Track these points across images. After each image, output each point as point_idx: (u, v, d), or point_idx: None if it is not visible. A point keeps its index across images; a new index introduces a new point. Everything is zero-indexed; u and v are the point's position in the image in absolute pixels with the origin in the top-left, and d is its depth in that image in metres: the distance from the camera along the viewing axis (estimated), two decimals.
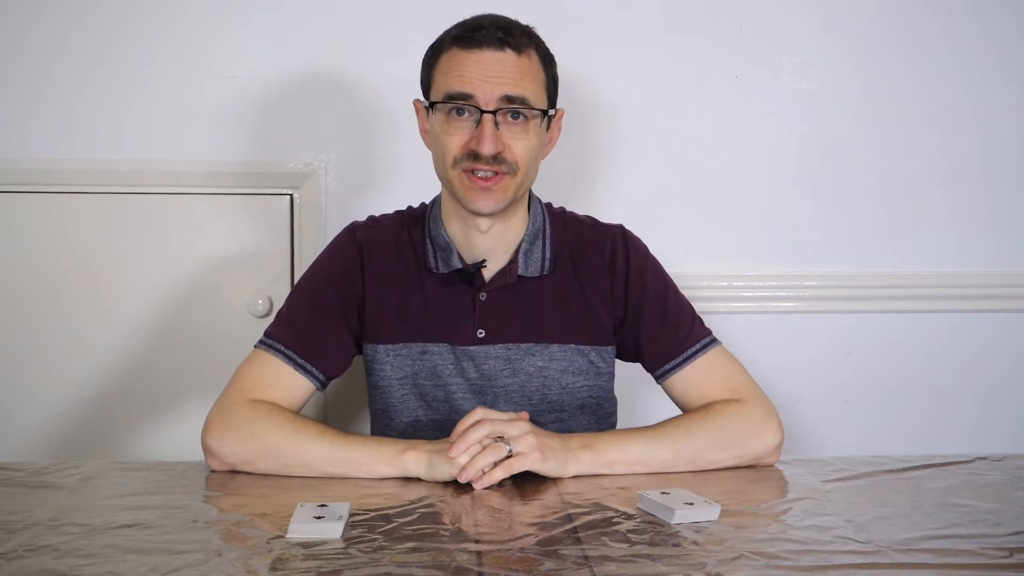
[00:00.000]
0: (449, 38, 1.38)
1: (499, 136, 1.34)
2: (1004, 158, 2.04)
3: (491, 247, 1.45)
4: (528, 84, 1.36)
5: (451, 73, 1.35)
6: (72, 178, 1.89)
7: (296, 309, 1.46)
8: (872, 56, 2.00)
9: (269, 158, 1.91)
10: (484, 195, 1.36)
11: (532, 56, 1.38)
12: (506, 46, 1.34)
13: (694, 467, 1.34)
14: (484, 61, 1.34)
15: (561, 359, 1.46)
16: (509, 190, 1.37)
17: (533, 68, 1.37)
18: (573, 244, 1.50)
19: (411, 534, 1.08)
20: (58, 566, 0.99)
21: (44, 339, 1.91)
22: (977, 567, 1.02)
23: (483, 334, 1.45)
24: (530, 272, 1.46)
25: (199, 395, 1.92)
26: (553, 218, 1.51)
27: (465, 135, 1.35)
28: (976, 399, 2.07)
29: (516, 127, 1.36)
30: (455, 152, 1.36)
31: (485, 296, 1.45)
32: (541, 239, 1.48)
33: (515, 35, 1.36)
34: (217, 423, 1.34)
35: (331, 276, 1.47)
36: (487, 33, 1.34)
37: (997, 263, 2.06)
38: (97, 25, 1.86)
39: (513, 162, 1.36)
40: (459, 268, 1.44)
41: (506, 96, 1.34)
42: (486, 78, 1.33)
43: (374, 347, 1.46)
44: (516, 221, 1.46)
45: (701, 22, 1.96)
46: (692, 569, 1.00)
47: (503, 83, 1.33)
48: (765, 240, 2.02)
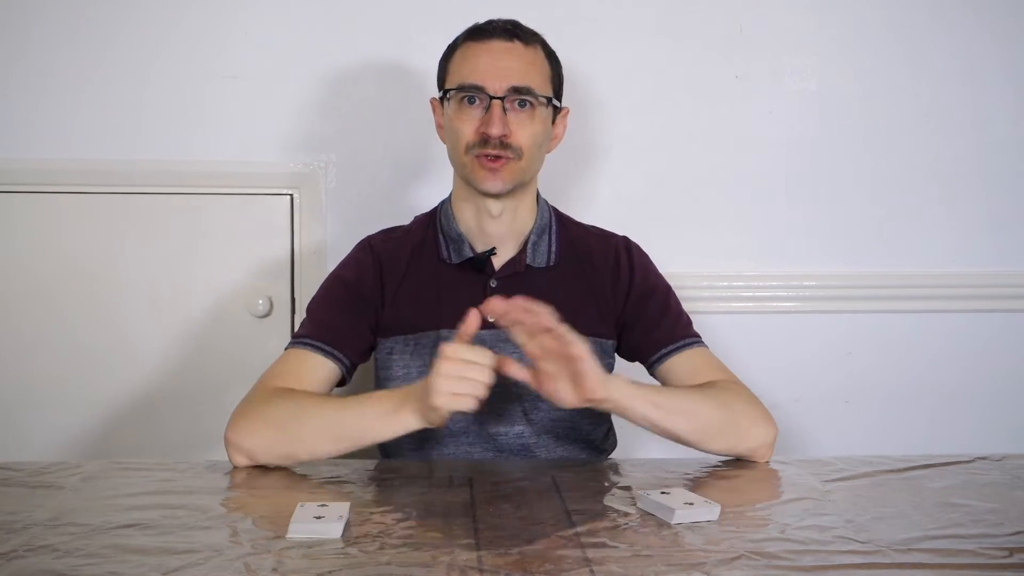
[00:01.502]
0: (463, 34, 1.49)
1: (506, 121, 1.42)
2: (1004, 158, 2.04)
3: (502, 234, 1.51)
4: (534, 75, 1.45)
5: (464, 65, 1.45)
6: (72, 178, 1.89)
7: (315, 310, 1.52)
8: (872, 56, 2.00)
9: (269, 158, 1.91)
10: (492, 175, 1.44)
11: (538, 50, 1.48)
12: (515, 38, 1.45)
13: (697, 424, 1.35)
14: (494, 50, 1.44)
15: None
16: (515, 173, 1.45)
17: (539, 60, 1.48)
18: (578, 244, 1.56)
19: (411, 534, 1.08)
20: (58, 566, 0.99)
21: (44, 339, 1.90)
22: (977, 567, 1.02)
23: (493, 320, 1.46)
24: (537, 263, 1.52)
25: (199, 395, 1.92)
26: (559, 217, 1.58)
27: (476, 121, 1.44)
28: (976, 399, 2.07)
29: (523, 114, 1.44)
30: (468, 138, 1.44)
31: (496, 283, 1.50)
32: (548, 234, 1.54)
33: (523, 29, 1.48)
34: (237, 415, 1.36)
35: (347, 277, 1.52)
36: (497, 26, 1.46)
37: (997, 263, 2.06)
38: (97, 26, 1.86)
39: (518, 147, 1.44)
40: (471, 257, 1.50)
41: (513, 87, 1.43)
42: (496, 68, 1.43)
43: (392, 340, 1.50)
44: (524, 210, 1.53)
45: (701, 22, 1.96)
46: (692, 569, 1.00)
47: (511, 74, 1.43)
48: (765, 240, 2.02)
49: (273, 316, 1.93)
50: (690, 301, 1.58)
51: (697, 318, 1.57)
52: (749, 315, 2.02)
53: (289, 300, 1.93)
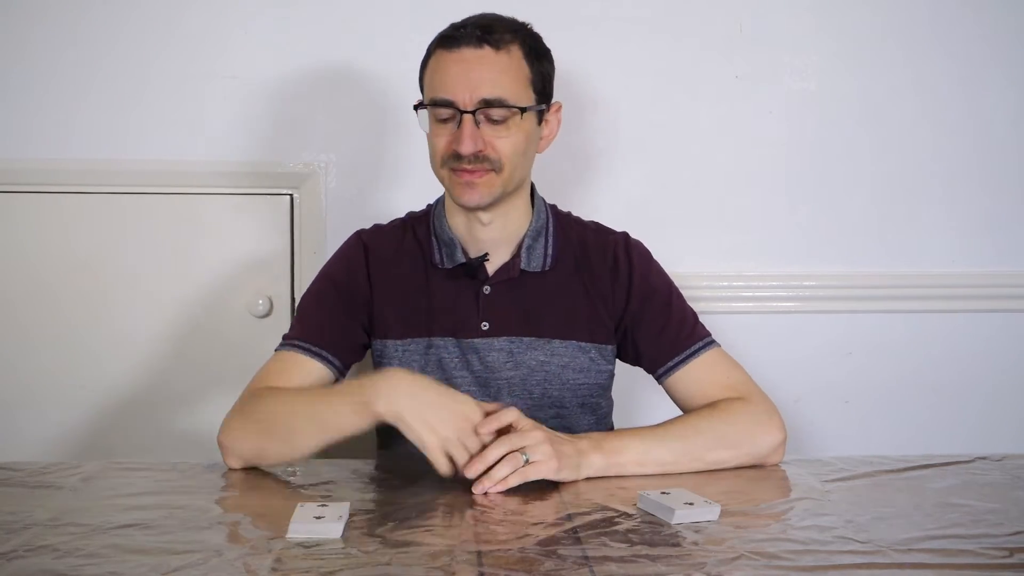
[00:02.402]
0: (436, 39, 1.41)
1: (480, 135, 1.36)
2: (1003, 158, 2.04)
3: (494, 240, 1.47)
4: (507, 83, 1.37)
5: (435, 77, 1.39)
6: (73, 178, 1.89)
7: (305, 310, 1.50)
8: (872, 56, 2.00)
9: (269, 158, 1.91)
10: (469, 189, 1.38)
11: (513, 52, 1.38)
12: (484, 43, 1.36)
13: (701, 466, 1.34)
14: (463, 60, 1.36)
15: (563, 355, 1.47)
16: (496, 186, 1.39)
17: (513, 65, 1.38)
18: (576, 244, 1.52)
19: (411, 534, 1.08)
20: (58, 566, 0.99)
21: (45, 339, 1.91)
22: (977, 567, 1.02)
23: (487, 327, 1.46)
24: (532, 267, 1.48)
25: (199, 394, 1.92)
26: (557, 218, 1.54)
27: (450, 136, 1.38)
28: (976, 399, 2.07)
29: (498, 126, 1.37)
30: (441, 153, 1.39)
31: (489, 290, 1.47)
32: (544, 236, 1.50)
33: (495, 32, 1.37)
34: (227, 418, 1.37)
35: (337, 277, 1.50)
36: (467, 32, 1.36)
37: (996, 263, 2.06)
38: (97, 26, 1.87)
39: (497, 159, 1.38)
40: (463, 262, 1.47)
41: (483, 100, 1.35)
42: (465, 80, 1.35)
43: (383, 343, 1.49)
44: (517, 215, 1.48)
45: (701, 22, 1.96)
46: (692, 569, 1.00)
47: (481, 85, 1.35)
48: (765, 240, 2.02)
49: (273, 316, 1.93)
50: (689, 301, 1.58)
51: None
52: (749, 315, 2.02)
53: (289, 300, 1.93)
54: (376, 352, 1.50)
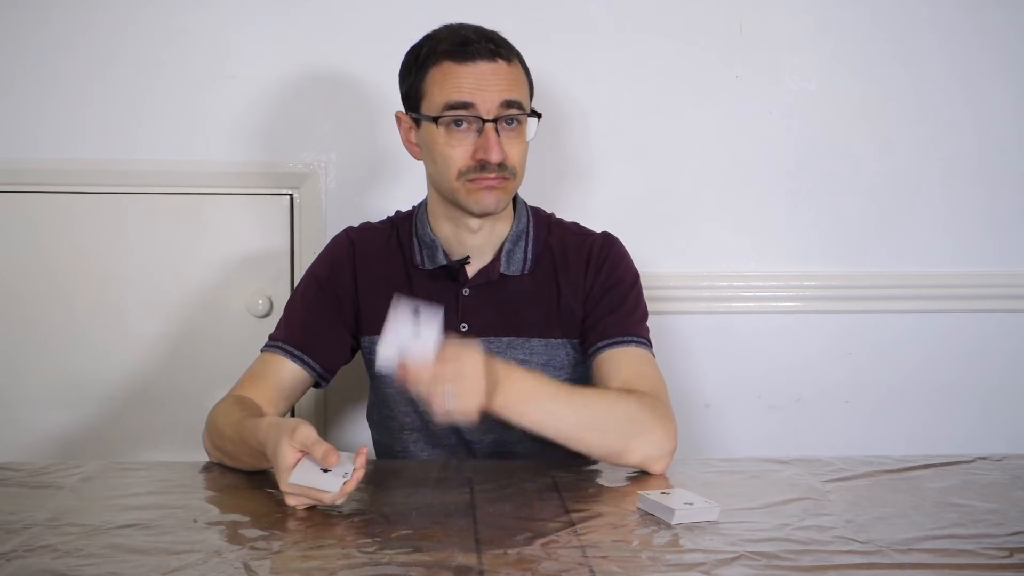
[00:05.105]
0: (439, 52, 1.41)
1: (501, 143, 1.39)
2: (1003, 158, 2.03)
3: (480, 245, 1.49)
4: (520, 90, 1.42)
5: (448, 85, 1.39)
6: (73, 178, 1.88)
7: (291, 310, 1.53)
8: (871, 56, 1.99)
9: (269, 158, 1.91)
10: (489, 194, 1.40)
11: (517, 65, 1.44)
12: (497, 57, 1.40)
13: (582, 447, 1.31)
14: (480, 72, 1.39)
15: (542, 352, 1.49)
16: (509, 192, 1.44)
17: (521, 76, 1.44)
18: (556, 246, 1.53)
19: (411, 534, 1.09)
20: (58, 566, 0.99)
21: (46, 339, 1.90)
22: (977, 567, 1.02)
23: (466, 328, 1.48)
24: (512, 271, 1.50)
25: (199, 394, 1.91)
26: (538, 220, 1.55)
27: (469, 146, 1.39)
28: (976, 399, 2.07)
29: (512, 133, 1.41)
30: (460, 164, 1.40)
31: (468, 292, 1.49)
32: (524, 239, 1.52)
33: (503, 46, 1.42)
34: (207, 420, 1.41)
35: (322, 275, 1.53)
36: (479, 47, 1.39)
37: (996, 263, 2.06)
38: (99, 27, 1.86)
39: (512, 167, 1.41)
40: (444, 264, 1.49)
41: (505, 101, 1.39)
42: (484, 87, 1.38)
43: (370, 338, 1.50)
44: (503, 221, 1.51)
45: (701, 22, 1.96)
46: (692, 569, 1.00)
47: (500, 89, 1.39)
48: (765, 240, 2.02)
49: (273, 316, 1.92)
50: (690, 301, 1.59)
51: (697, 318, 1.57)
52: (749, 315, 2.01)
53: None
54: (365, 349, 1.52)
